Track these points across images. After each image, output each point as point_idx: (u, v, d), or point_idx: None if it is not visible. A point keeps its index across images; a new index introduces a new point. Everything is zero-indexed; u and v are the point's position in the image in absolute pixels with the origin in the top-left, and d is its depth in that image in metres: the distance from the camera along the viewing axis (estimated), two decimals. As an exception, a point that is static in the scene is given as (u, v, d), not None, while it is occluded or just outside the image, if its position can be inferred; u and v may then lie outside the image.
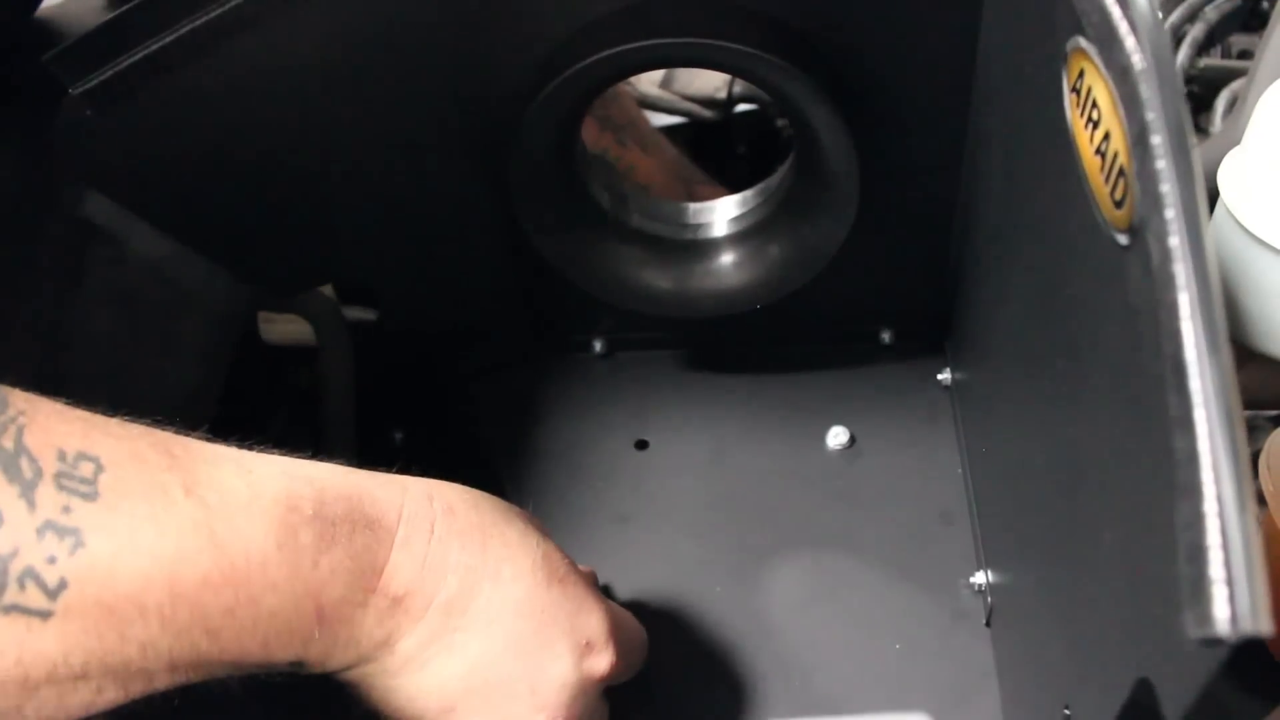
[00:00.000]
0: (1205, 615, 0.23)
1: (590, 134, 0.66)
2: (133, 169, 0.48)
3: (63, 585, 0.31)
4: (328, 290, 0.65)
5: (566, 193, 0.55)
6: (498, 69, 0.50)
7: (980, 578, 0.53)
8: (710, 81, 0.70)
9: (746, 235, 0.58)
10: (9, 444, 0.31)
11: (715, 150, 0.79)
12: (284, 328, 0.65)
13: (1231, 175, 0.46)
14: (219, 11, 0.44)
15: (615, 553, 0.57)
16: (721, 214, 0.59)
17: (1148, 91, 0.27)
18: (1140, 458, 0.29)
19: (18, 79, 0.48)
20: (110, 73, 0.44)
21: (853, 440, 0.60)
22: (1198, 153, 0.26)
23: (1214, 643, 0.23)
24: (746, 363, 0.63)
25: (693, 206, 0.59)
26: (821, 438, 0.60)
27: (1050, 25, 0.36)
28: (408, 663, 0.40)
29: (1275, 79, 0.45)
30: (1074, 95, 0.34)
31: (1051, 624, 0.41)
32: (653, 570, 0.56)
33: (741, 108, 0.72)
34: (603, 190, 0.57)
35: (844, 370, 0.63)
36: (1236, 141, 0.47)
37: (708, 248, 0.58)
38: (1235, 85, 0.62)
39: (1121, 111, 0.29)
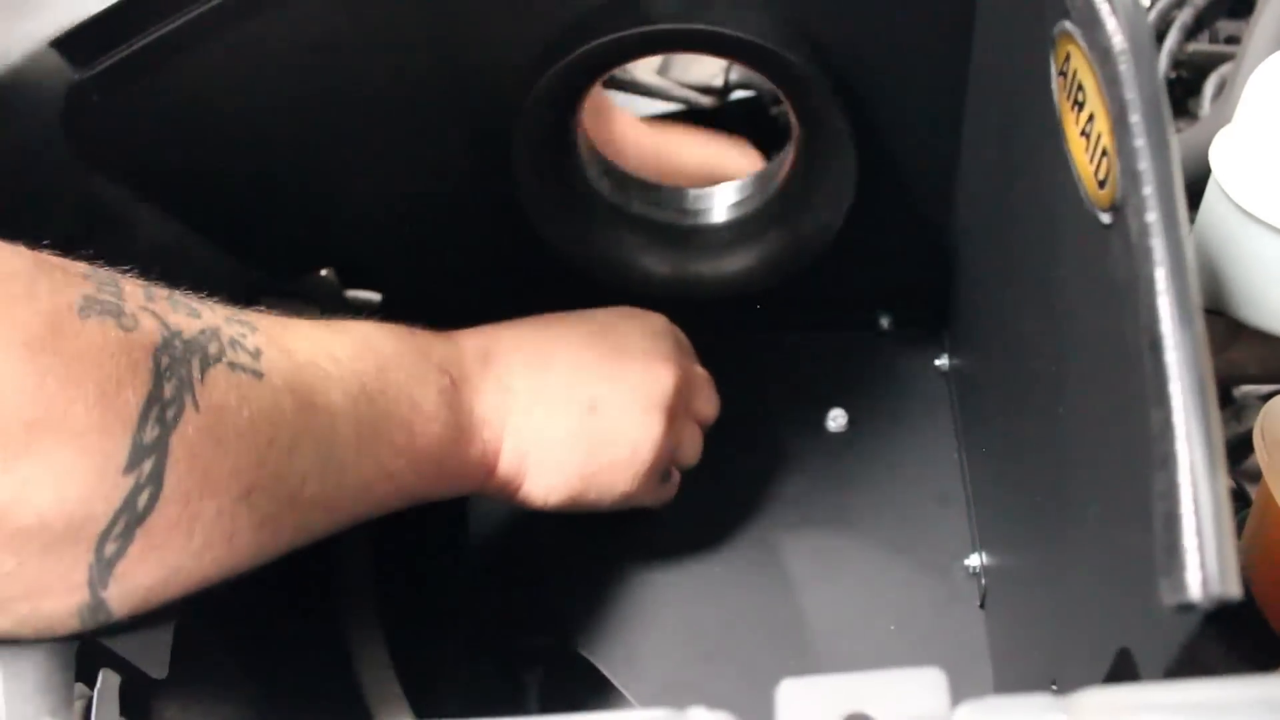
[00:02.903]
0: (1179, 582, 0.24)
1: None
2: (137, 153, 0.48)
3: (258, 351, 0.37)
4: (330, 275, 0.65)
5: (567, 178, 0.56)
6: (500, 53, 0.50)
7: (975, 560, 0.54)
8: (707, 69, 0.71)
9: (746, 221, 0.58)
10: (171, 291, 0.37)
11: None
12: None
13: (1223, 152, 0.46)
14: None
15: (615, 532, 0.57)
16: (721, 200, 0.59)
17: (1127, 72, 0.28)
18: (1122, 432, 0.29)
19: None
20: (116, 58, 0.44)
21: (851, 423, 0.61)
22: (1174, 131, 0.27)
23: (1188, 608, 0.24)
24: (746, 346, 0.64)
25: (692, 192, 0.60)
26: (821, 420, 0.61)
27: (1039, 10, 0.36)
28: (510, 481, 0.48)
29: (1263, 61, 0.46)
30: (1061, 78, 0.35)
31: (1041, 602, 0.42)
32: (651, 550, 0.57)
33: (738, 94, 0.72)
34: (603, 176, 0.58)
35: (843, 355, 0.63)
36: (1225, 124, 0.47)
37: (707, 233, 0.59)
38: (1223, 69, 0.63)
39: (1104, 92, 0.30)
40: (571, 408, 0.48)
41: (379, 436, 0.41)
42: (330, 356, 0.41)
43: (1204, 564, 0.23)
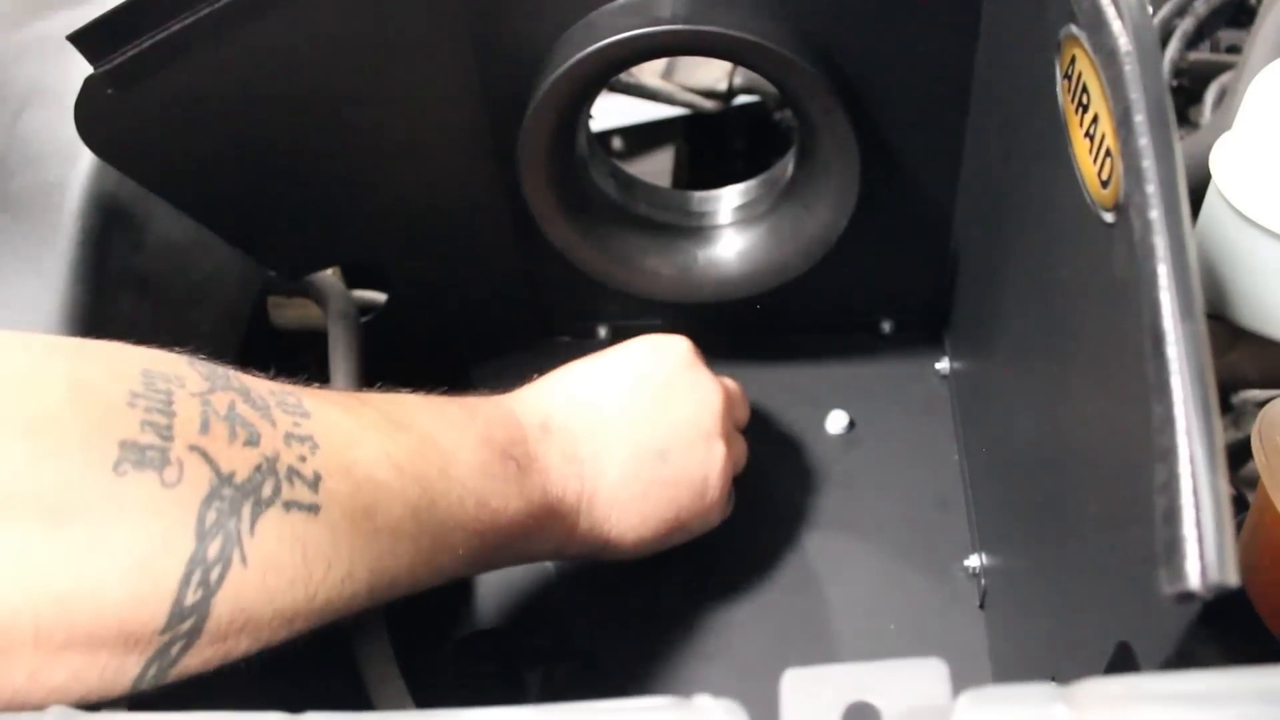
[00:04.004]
0: (1178, 571, 0.24)
1: None
2: (151, 148, 0.49)
3: (318, 478, 0.35)
4: (336, 275, 0.66)
5: (573, 180, 0.56)
6: (507, 54, 0.51)
7: (974, 561, 0.54)
8: (711, 73, 0.71)
9: (749, 223, 0.59)
10: (237, 383, 0.36)
11: (713, 142, 0.80)
12: (293, 312, 0.66)
13: (1223, 159, 0.47)
14: None
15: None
16: (725, 202, 0.60)
17: (1132, 72, 0.28)
18: (1121, 429, 0.30)
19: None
20: (133, 52, 0.44)
21: (852, 425, 0.61)
22: (1177, 131, 0.27)
23: (1187, 597, 0.24)
24: (748, 348, 0.64)
25: (697, 195, 0.60)
26: (821, 422, 0.61)
27: (1044, 14, 0.37)
28: (592, 546, 0.48)
29: (1263, 69, 0.46)
30: (1066, 81, 0.35)
31: (1040, 602, 0.42)
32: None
33: (741, 99, 0.73)
34: (608, 178, 0.58)
35: (844, 358, 0.64)
36: (1225, 132, 0.48)
37: (711, 235, 0.59)
38: (1224, 78, 0.64)
39: (1109, 93, 0.30)
40: (642, 462, 0.48)
41: (439, 544, 0.40)
42: (392, 464, 0.38)
43: (1203, 553, 0.23)
